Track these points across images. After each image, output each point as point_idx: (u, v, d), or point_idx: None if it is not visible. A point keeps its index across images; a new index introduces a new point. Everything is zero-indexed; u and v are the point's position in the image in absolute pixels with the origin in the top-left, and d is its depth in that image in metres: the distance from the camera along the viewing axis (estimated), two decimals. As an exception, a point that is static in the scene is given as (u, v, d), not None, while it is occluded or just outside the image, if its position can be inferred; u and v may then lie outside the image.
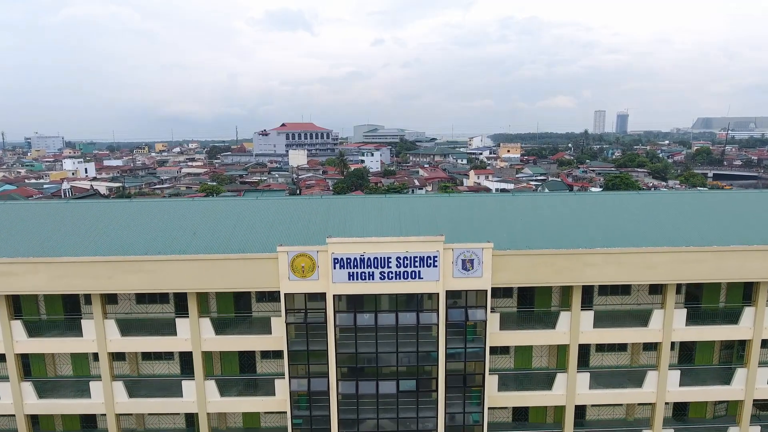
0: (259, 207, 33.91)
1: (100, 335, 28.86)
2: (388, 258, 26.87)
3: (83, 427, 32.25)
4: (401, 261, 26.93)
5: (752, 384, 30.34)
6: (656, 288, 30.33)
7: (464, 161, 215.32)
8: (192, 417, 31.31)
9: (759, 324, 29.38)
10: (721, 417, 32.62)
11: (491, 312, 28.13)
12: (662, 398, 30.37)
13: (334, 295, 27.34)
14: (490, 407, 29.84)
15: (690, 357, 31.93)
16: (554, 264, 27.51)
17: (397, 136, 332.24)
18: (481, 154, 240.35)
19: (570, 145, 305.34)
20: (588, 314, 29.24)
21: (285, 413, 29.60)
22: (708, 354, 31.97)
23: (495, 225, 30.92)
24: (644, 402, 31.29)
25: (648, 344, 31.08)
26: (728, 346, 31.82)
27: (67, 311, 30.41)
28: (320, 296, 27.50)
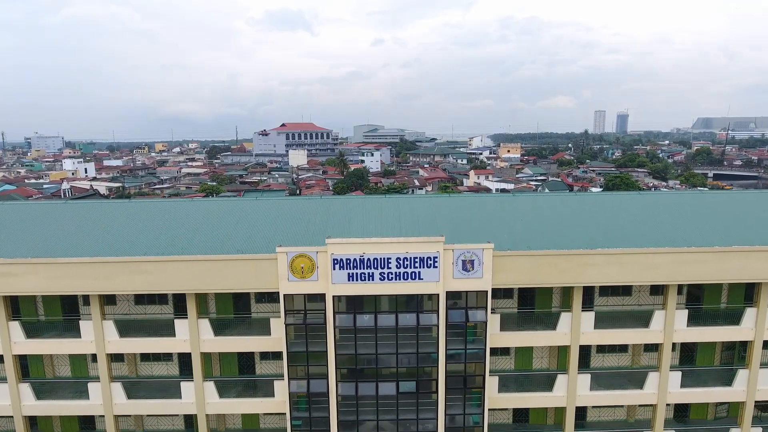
0: (259, 207, 33.82)
1: (99, 336, 28.73)
2: (388, 259, 26.73)
3: (82, 429, 32.11)
4: (401, 262, 26.78)
5: (754, 385, 30.20)
6: (657, 289, 30.21)
7: (464, 161, 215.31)
8: (191, 418, 31.18)
9: (761, 325, 29.25)
10: (723, 418, 32.48)
11: (492, 313, 28.00)
12: (663, 399, 30.24)
13: (334, 296, 27.20)
14: (491, 408, 29.73)
15: (691, 358, 31.80)
16: (555, 265, 27.38)
17: (397, 136, 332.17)
18: (481, 154, 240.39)
19: (570, 145, 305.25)
20: (589, 315, 29.11)
21: (284, 415, 29.45)
22: (709, 355, 31.84)
23: (495, 225, 30.81)
24: (645, 403, 31.15)
25: (649, 345, 30.97)
26: (730, 347, 31.70)
27: (66, 312, 30.29)
28: (320, 297, 27.36)
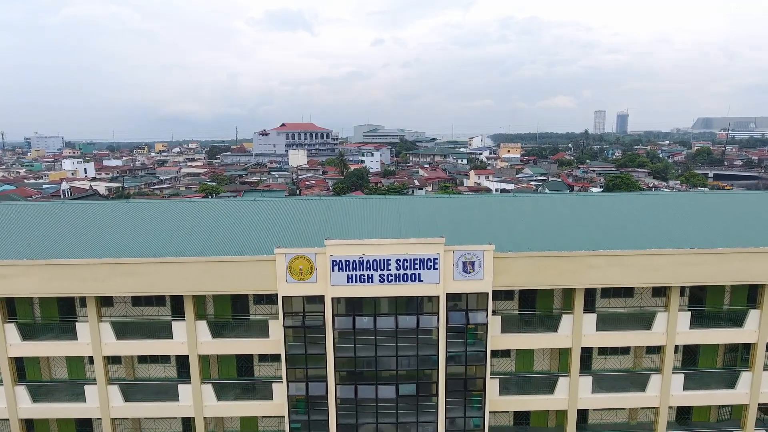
0: (258, 208, 33.60)
1: (95, 338, 28.44)
2: (388, 260, 26.44)
3: (78, 432, 31.85)
4: (401, 263, 26.50)
5: (757, 388, 29.92)
6: (659, 290, 29.94)
7: (464, 161, 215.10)
8: (189, 421, 30.95)
9: (764, 327, 28.97)
10: (726, 421, 32.22)
11: (492, 315, 27.72)
12: (666, 402, 29.96)
13: (333, 298, 26.92)
14: (491, 411, 29.43)
15: (694, 360, 31.53)
16: (556, 266, 27.10)
17: (397, 136, 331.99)
18: (481, 154, 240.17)
19: (570, 145, 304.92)
20: (590, 317, 28.82)
21: (283, 417, 29.15)
22: (712, 357, 31.56)
23: (496, 226, 30.56)
24: (647, 406, 30.84)
25: (651, 347, 30.71)
26: (733, 350, 31.45)
27: (62, 314, 29.98)
28: (318, 299, 27.07)
